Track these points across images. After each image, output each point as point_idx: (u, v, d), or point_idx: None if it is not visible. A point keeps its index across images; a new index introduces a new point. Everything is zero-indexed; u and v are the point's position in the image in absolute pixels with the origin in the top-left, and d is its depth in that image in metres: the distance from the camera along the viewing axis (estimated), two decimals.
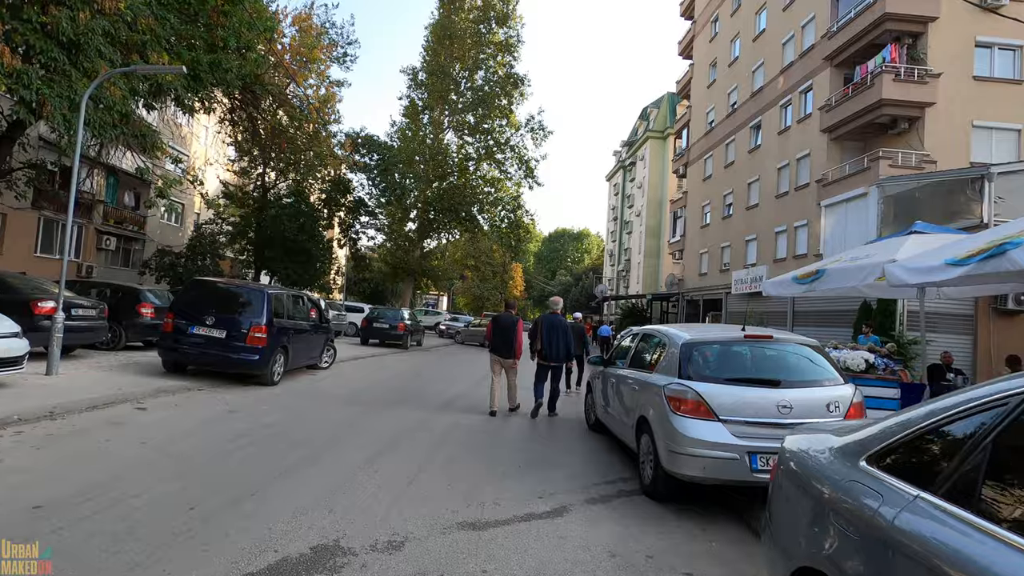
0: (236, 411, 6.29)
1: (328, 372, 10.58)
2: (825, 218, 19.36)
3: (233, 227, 24.15)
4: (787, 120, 22.63)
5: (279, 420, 6.01)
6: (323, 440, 5.31)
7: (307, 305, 9.58)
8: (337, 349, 11.37)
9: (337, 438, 5.44)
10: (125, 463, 4.09)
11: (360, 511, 3.49)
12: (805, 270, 8.44)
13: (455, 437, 5.97)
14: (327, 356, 10.85)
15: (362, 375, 10.94)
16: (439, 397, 8.88)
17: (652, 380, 4.43)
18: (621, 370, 5.47)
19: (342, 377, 10.14)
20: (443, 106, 30.44)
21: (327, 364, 10.86)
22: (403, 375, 11.61)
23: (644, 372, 4.78)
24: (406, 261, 30.64)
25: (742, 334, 4.28)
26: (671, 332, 4.64)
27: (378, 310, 18.71)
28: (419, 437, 5.82)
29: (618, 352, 6.09)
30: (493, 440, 6.01)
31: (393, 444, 5.40)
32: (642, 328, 5.64)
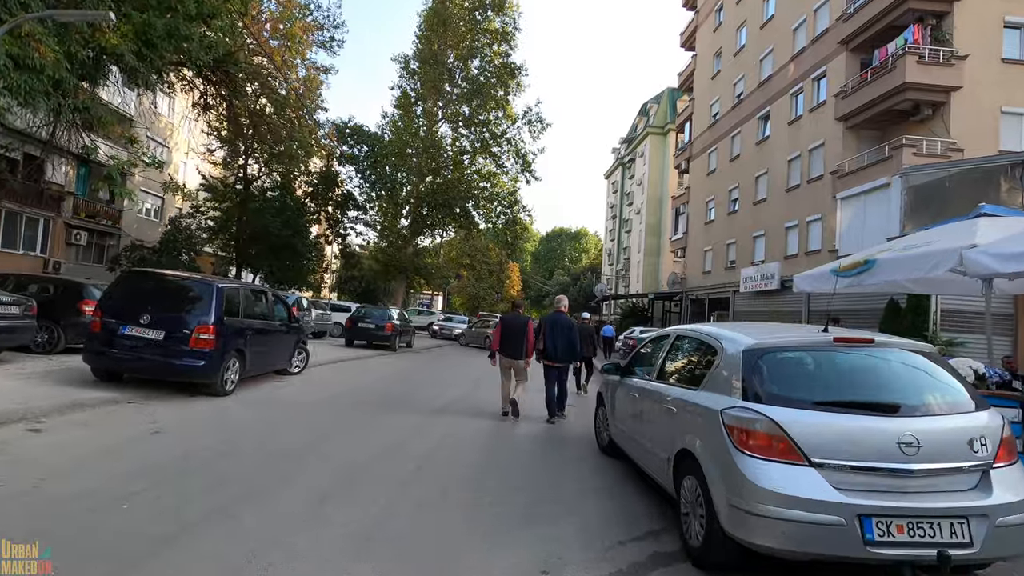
0: (162, 432, 5.03)
1: (299, 378, 9.31)
2: (841, 211, 18.21)
3: (215, 222, 22.83)
4: (798, 109, 21.49)
5: (212, 445, 4.75)
6: (259, 475, 4.06)
7: (271, 302, 8.30)
8: (310, 352, 10.08)
9: (280, 472, 4.18)
10: None
11: None
12: (849, 261, 7.24)
13: (435, 466, 4.72)
14: (298, 360, 9.59)
15: (337, 381, 9.68)
16: (422, 409, 7.63)
17: (699, 400, 3.20)
18: (647, 383, 4.23)
19: (313, 384, 8.87)
20: (437, 96, 29.18)
21: (298, 369, 9.60)
22: (385, 381, 10.35)
23: (684, 388, 3.54)
24: (398, 259, 29.33)
25: (827, 336, 3.05)
26: (722, 334, 3.41)
27: (364, 309, 17.43)
28: (388, 468, 4.57)
29: (640, 359, 4.85)
30: (483, 470, 4.77)
31: (351, 481, 4.14)
32: (674, 329, 4.37)
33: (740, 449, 2.69)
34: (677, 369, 3.90)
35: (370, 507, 3.58)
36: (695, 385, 3.39)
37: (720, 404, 2.94)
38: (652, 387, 4.06)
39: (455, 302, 63.74)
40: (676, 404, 3.48)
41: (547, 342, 7.25)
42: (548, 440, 6.29)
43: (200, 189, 22.61)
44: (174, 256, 19.42)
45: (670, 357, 4.08)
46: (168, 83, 13.27)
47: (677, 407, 3.46)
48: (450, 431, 6.29)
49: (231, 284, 7.34)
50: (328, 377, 10.00)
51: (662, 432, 3.65)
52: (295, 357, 9.51)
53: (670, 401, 3.58)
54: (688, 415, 3.29)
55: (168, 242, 19.87)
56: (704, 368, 3.41)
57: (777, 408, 2.71)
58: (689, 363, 3.74)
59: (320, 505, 3.53)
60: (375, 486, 4.03)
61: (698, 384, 3.36)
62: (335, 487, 3.94)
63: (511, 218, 30.16)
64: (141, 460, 4.17)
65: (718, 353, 3.27)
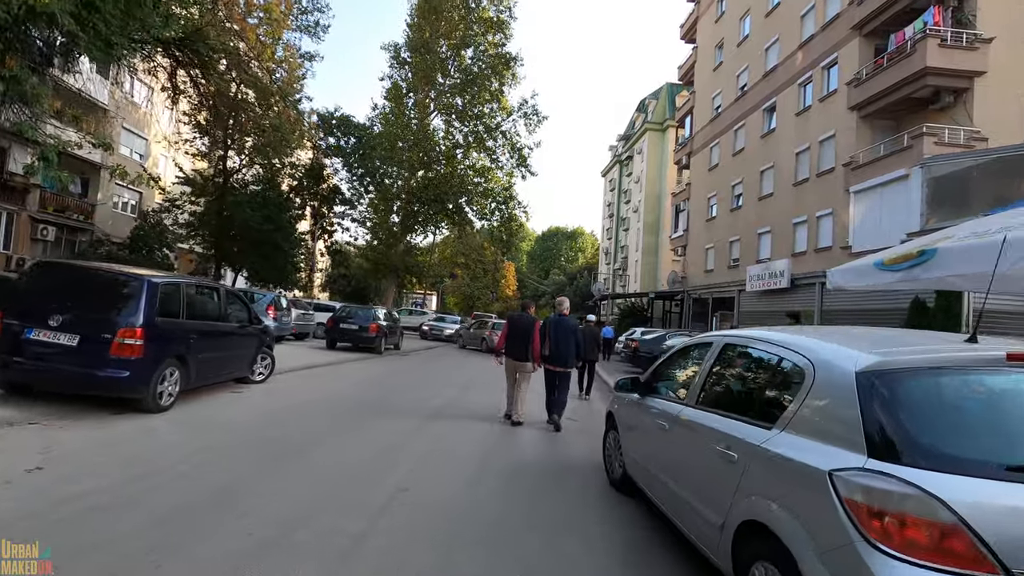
0: (46, 468, 3.88)
1: (261, 388, 8.15)
2: (855, 205, 17.20)
3: (195, 217, 21.56)
4: (807, 99, 20.50)
5: (104, 487, 3.60)
6: (136, 542, 2.91)
7: (224, 300, 7.14)
8: (278, 357, 8.91)
9: (171, 538, 3.03)
10: None
11: None
12: (897, 252, 6.15)
13: (393, 524, 3.58)
14: (262, 367, 8.43)
15: (305, 391, 8.53)
16: (396, 428, 6.50)
17: (783, 450, 2.10)
18: (682, 408, 3.12)
19: (274, 395, 7.72)
20: (429, 88, 27.99)
21: (262, 377, 8.44)
22: (360, 390, 9.20)
23: (748, 424, 2.43)
24: (388, 256, 28.14)
25: (994, 351, 1.93)
26: (809, 344, 2.29)
27: (348, 308, 16.25)
28: (329, 525, 3.44)
29: (666, 373, 3.75)
30: (456, 525, 3.64)
31: (269, 548, 3.01)
32: (719, 335, 3.23)
33: (876, 544, 1.60)
34: (732, 393, 2.80)
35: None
36: (768, 421, 2.29)
37: (828, 461, 1.83)
38: (691, 416, 2.95)
39: (450, 302, 62.60)
40: (738, 447, 2.37)
41: (550, 346, 6.93)
42: (547, 469, 5.18)
43: (178, 182, 21.36)
44: (145, 253, 18.15)
45: (717, 375, 2.98)
46: (126, 60, 12.03)
47: (740, 452, 2.35)
48: (424, 460, 5.17)
49: (169, 279, 6.17)
50: (296, 386, 8.85)
51: (711, 484, 2.55)
52: (258, 364, 8.36)
53: (725, 441, 2.47)
54: (762, 468, 2.19)
55: (139, 238, 18.58)
56: (783, 396, 2.31)
57: (939, 476, 1.61)
58: (753, 386, 2.64)
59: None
60: (303, 560, 2.90)
61: (773, 420, 2.25)
62: (248, 560, 2.80)
63: (506, 214, 29.03)
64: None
65: (808, 375, 2.16)
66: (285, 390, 8.27)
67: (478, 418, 7.41)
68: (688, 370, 3.37)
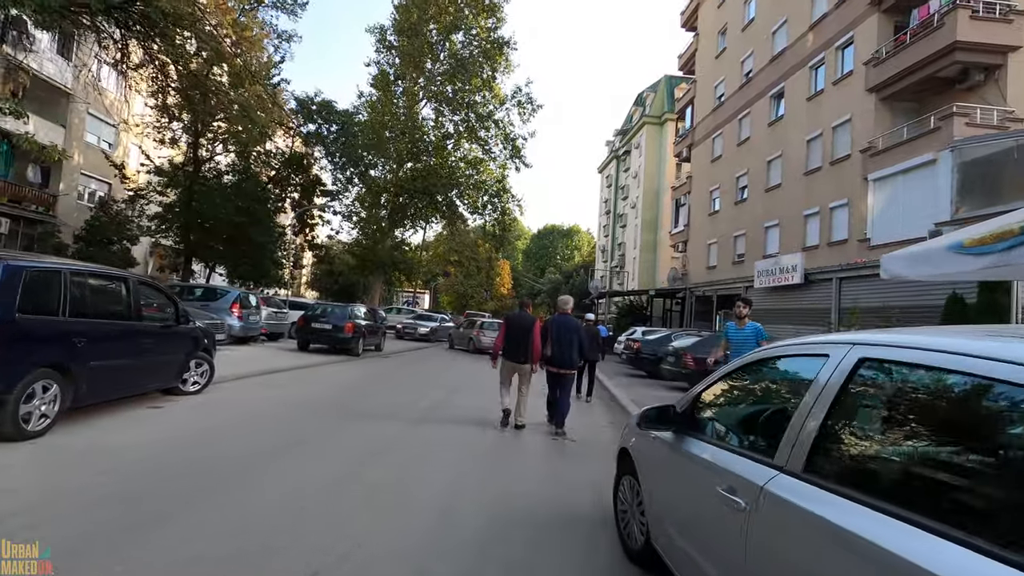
0: None
1: (193, 401, 6.74)
2: (874, 194, 15.93)
3: (165, 209, 20.07)
4: (818, 83, 19.21)
5: None
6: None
7: (135, 293, 5.72)
8: (214, 364, 7.48)
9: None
10: None
11: None
12: (985, 230, 4.83)
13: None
14: (196, 374, 7.02)
15: (252, 402, 7.13)
16: (355, 451, 5.12)
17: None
18: (774, 478, 1.68)
19: (206, 410, 6.31)
20: (417, 74, 26.56)
21: (196, 387, 7.02)
22: (323, 399, 7.79)
23: (977, 547, 1.03)
24: (375, 252, 26.70)
25: None
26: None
27: (321, 306, 14.81)
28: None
29: (723, 403, 2.37)
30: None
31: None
32: (843, 340, 1.70)
33: None
34: (916, 465, 1.36)
35: None
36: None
37: None
38: (802, 501, 1.54)
39: (443, 300, 61.13)
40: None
41: (553, 347, 6.62)
42: (538, 519, 3.80)
43: (144, 171, 19.85)
44: (104, 245, 16.63)
45: (853, 418, 1.59)
46: (63, 23, 10.58)
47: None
48: (383, 499, 3.79)
49: (42, 263, 4.76)
50: (242, 396, 7.43)
51: None
52: (192, 371, 6.94)
53: (876, 556, 1.09)
54: None
55: (95, 228, 17.04)
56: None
57: None
58: (979, 458, 1.24)
59: None
60: None
61: None
62: None
63: (499, 208, 27.66)
64: None
65: None
66: (226, 402, 6.86)
67: (460, 436, 6.04)
68: (772, 403, 2.00)
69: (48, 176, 21.71)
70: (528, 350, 6.61)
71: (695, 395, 2.53)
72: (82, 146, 22.77)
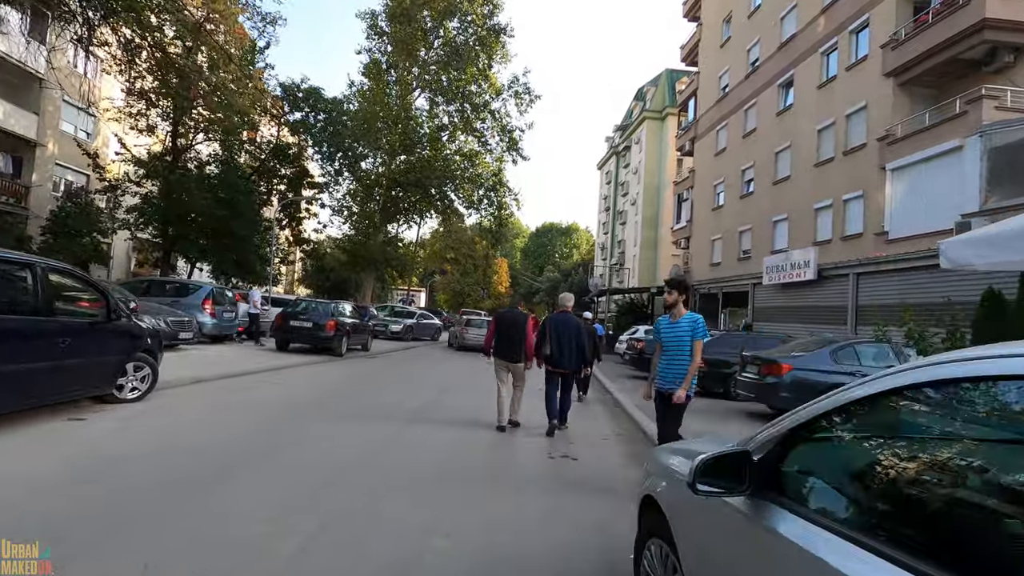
0: None
1: (130, 410, 5.77)
2: (892, 184, 14.99)
3: (143, 201, 19.05)
4: (831, 69, 18.27)
5: None
6: None
7: (44, 283, 4.72)
8: (158, 371, 6.49)
9: None
10: None
11: None
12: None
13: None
14: (135, 379, 6.04)
15: (201, 411, 6.16)
16: (313, 472, 4.17)
17: None
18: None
19: (140, 422, 5.35)
20: (410, 62, 25.54)
21: (135, 393, 6.05)
22: (277, 413, 6.77)
23: None
24: (366, 248, 25.70)
25: None
26: None
27: (303, 303, 13.82)
28: None
29: (844, 462, 1.41)
30: None
31: None
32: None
33: None
34: None
35: None
36: None
37: None
38: None
39: (440, 299, 60.17)
40: None
41: (552, 346, 6.41)
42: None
43: (120, 160, 18.82)
44: (72, 237, 15.60)
45: None
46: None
47: None
48: (335, 540, 2.82)
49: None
50: (188, 405, 6.45)
51: None
52: (130, 376, 5.96)
53: None
54: None
55: (61, 219, 15.98)
56: None
57: None
58: None
59: None
60: None
61: None
62: None
63: (495, 202, 26.66)
64: None
65: None
66: (167, 412, 5.89)
67: (443, 453, 5.06)
68: (961, 470, 1.04)
69: (20, 166, 20.64)
70: (520, 348, 6.41)
71: (780, 435, 1.57)
72: (57, 135, 21.69)
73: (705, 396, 10.48)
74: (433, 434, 5.85)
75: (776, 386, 7.51)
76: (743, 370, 8.47)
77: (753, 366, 8.11)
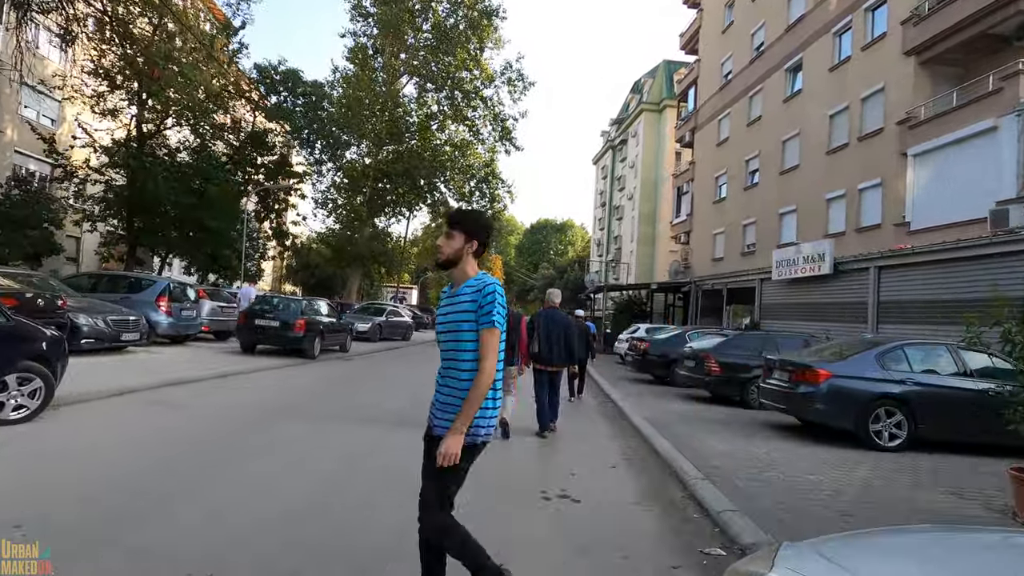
0: None
1: (8, 434, 4.49)
2: (914, 171, 13.88)
3: (106, 189, 17.63)
4: (844, 51, 17.14)
5: None
6: None
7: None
8: (54, 384, 5.21)
9: None
10: None
11: None
12: None
13: None
14: (19, 394, 4.77)
15: (87, 440, 4.88)
16: (239, 514, 2.90)
17: None
18: None
19: (11, 451, 4.08)
20: (397, 47, 24.22)
21: (21, 412, 4.78)
22: (202, 439, 5.52)
23: None
24: (352, 242, 24.40)
25: None
26: None
27: (268, 299, 12.51)
28: None
29: None
30: None
31: None
32: None
33: None
34: None
35: None
36: None
37: None
38: None
39: (432, 296, 58.85)
40: None
41: (540, 343, 6.38)
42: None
43: (79, 145, 17.38)
44: (18, 227, 14.18)
45: None
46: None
47: None
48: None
49: None
50: (90, 425, 5.19)
51: None
52: (11, 390, 4.70)
53: None
54: None
55: (5, 208, 14.52)
56: None
57: None
58: None
59: None
60: None
61: None
62: None
63: (488, 195, 25.43)
64: None
65: None
66: (59, 435, 4.62)
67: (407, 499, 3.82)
68: None
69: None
70: (513, 349, 6.00)
71: None
72: (16, 120, 20.21)
73: (722, 404, 9.32)
74: (382, 483, 4.61)
75: (811, 396, 6.34)
76: (768, 376, 7.28)
77: (782, 372, 6.93)
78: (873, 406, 6.17)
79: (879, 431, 6.21)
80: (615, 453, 5.80)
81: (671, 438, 6.20)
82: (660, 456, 5.50)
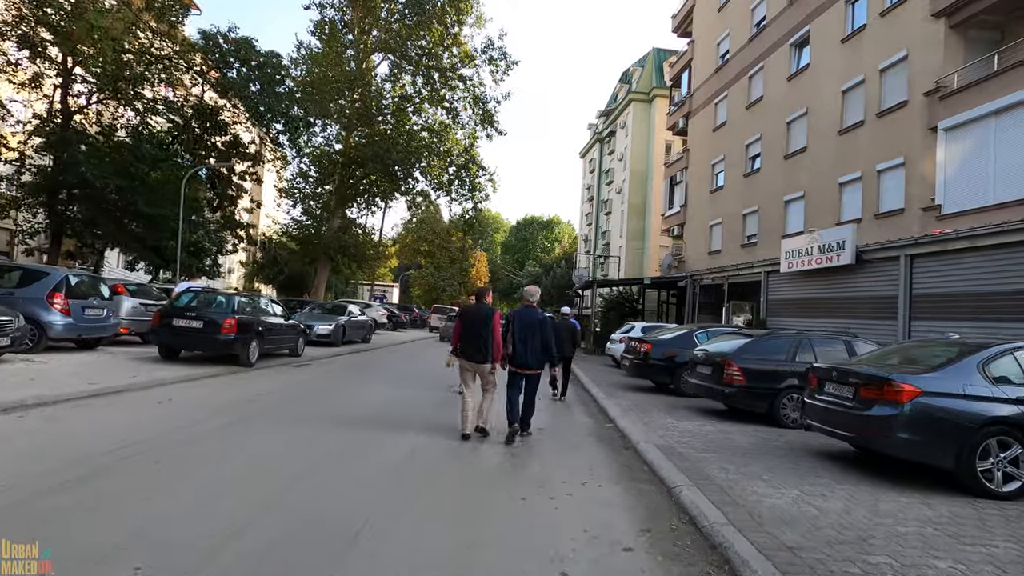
0: None
1: None
2: (945, 147, 12.26)
3: (19, 170, 15.36)
4: (858, 19, 15.52)
5: None
6: None
7: None
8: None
9: None
10: None
11: None
12: None
13: None
14: None
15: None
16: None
17: None
18: None
19: None
20: (368, 20, 22.11)
21: None
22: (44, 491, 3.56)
23: None
24: (319, 235, 22.26)
25: None
26: None
27: (201, 293, 10.40)
28: None
29: None
30: None
31: None
32: None
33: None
34: None
35: None
36: None
37: None
38: None
39: (414, 294, 56.68)
40: None
41: (515, 344, 5.96)
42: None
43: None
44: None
45: None
46: None
47: None
48: None
49: None
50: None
51: None
52: None
53: None
54: None
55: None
56: None
57: None
58: None
59: None
60: None
61: None
62: None
63: (468, 183, 23.45)
64: None
65: None
66: None
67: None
68: None
69: None
70: (487, 347, 5.84)
71: None
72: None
73: (742, 419, 7.54)
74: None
75: (890, 421, 4.53)
76: (819, 390, 5.48)
77: (842, 386, 5.11)
78: (982, 436, 4.40)
79: (988, 470, 4.44)
80: (627, 518, 3.90)
81: (703, 483, 4.37)
82: (700, 530, 3.63)
